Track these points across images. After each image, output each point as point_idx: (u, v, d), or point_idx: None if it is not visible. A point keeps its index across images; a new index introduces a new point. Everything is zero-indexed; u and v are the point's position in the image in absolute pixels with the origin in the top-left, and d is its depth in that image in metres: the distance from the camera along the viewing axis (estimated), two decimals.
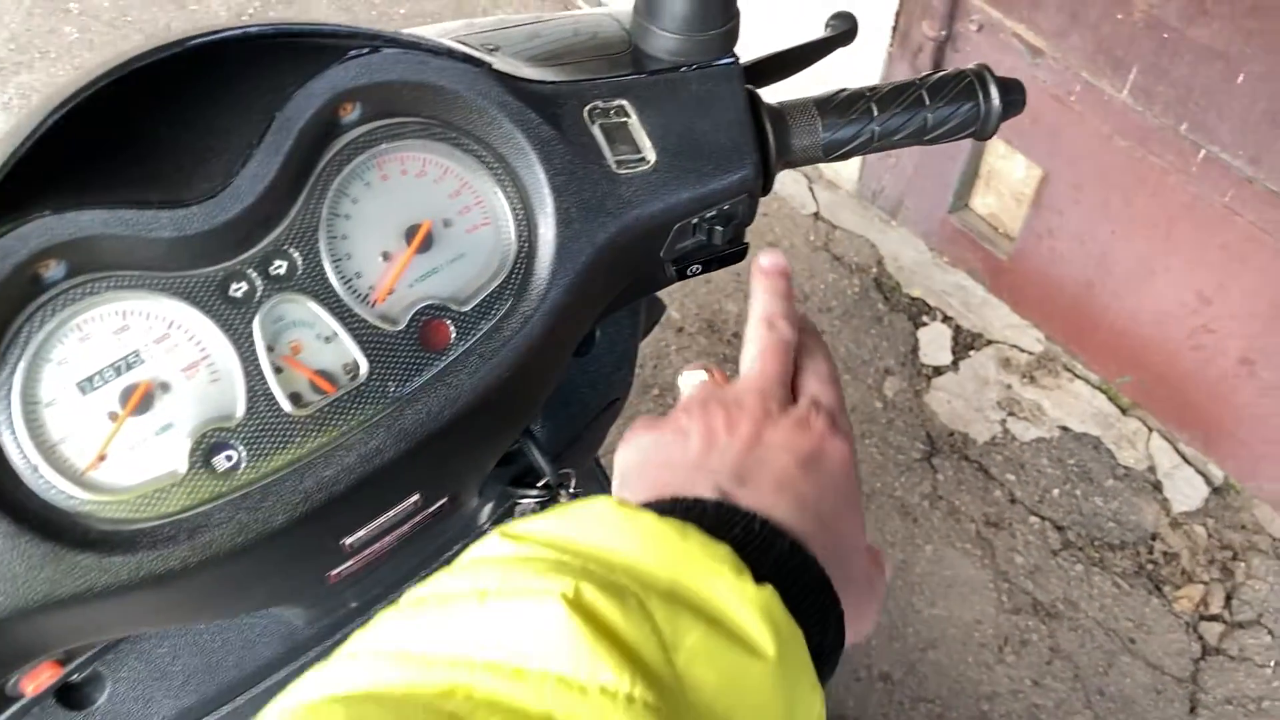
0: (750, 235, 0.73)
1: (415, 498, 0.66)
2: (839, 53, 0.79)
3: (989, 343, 2.14)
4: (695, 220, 0.67)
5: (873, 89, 0.70)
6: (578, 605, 0.36)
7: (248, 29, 0.54)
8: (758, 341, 0.58)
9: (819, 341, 0.61)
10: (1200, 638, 1.81)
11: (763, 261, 0.62)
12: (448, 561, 0.46)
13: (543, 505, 0.85)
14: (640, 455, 0.54)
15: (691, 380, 0.59)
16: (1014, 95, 0.71)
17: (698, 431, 0.53)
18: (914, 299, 2.21)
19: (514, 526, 0.43)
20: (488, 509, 0.87)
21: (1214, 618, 1.83)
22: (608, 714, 0.33)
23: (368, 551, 0.68)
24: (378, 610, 0.74)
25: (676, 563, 0.40)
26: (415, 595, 0.40)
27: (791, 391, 0.57)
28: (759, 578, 0.41)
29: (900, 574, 1.88)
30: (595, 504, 0.43)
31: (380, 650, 0.37)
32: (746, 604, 0.39)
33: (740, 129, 0.67)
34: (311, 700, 0.36)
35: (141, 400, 0.56)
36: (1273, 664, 1.78)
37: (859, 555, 0.52)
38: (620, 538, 0.41)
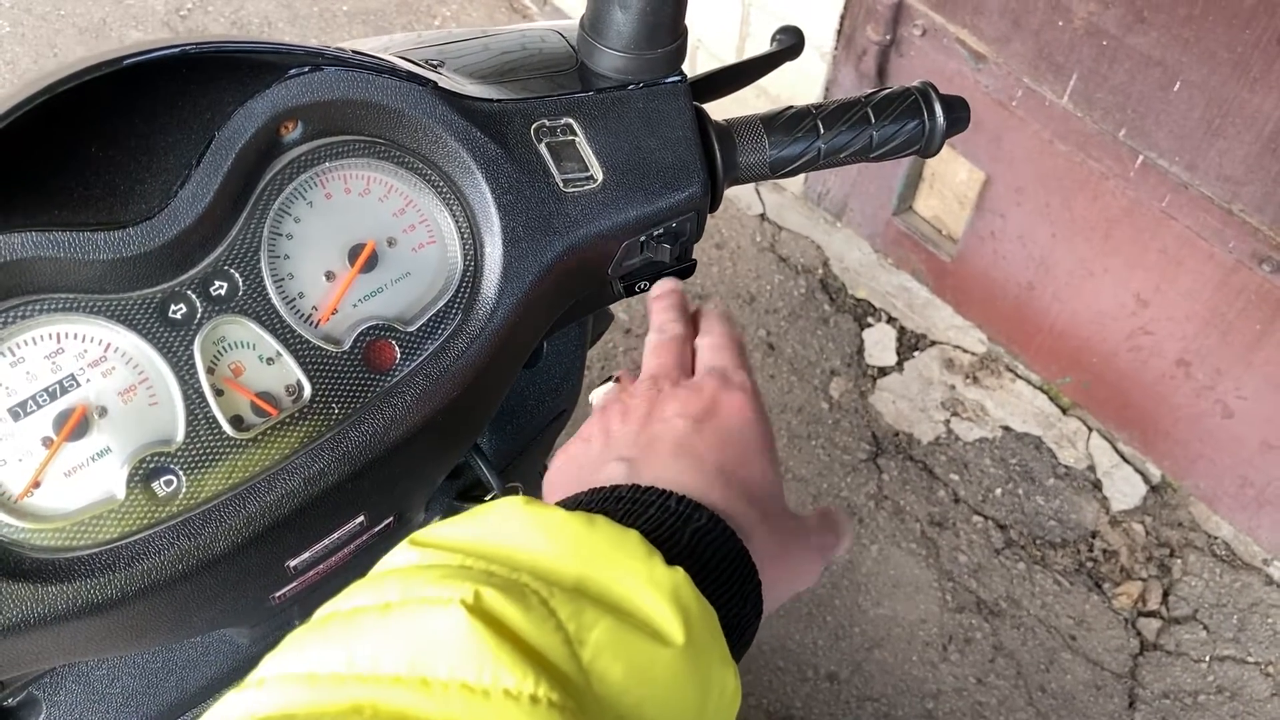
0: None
1: (360, 518, 0.65)
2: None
3: (933, 343, 2.17)
4: (643, 238, 0.67)
5: (819, 106, 0.70)
6: (478, 610, 0.36)
7: (186, 47, 0.53)
8: (650, 345, 0.64)
9: (717, 314, 0.66)
10: (1139, 634, 1.85)
11: (653, 291, 0.70)
12: None
13: None
14: (558, 474, 0.57)
15: (602, 392, 0.62)
16: (958, 113, 0.71)
17: (597, 432, 0.57)
18: (859, 300, 2.23)
19: (422, 533, 0.43)
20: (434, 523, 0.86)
21: (1152, 614, 1.87)
22: (511, 716, 0.34)
23: (312, 572, 0.67)
24: None
25: (583, 555, 0.41)
26: (324, 612, 0.40)
27: (692, 370, 0.61)
28: (675, 556, 0.42)
29: (846, 574, 1.90)
30: (503, 504, 0.43)
31: (288, 674, 0.37)
32: (654, 590, 0.40)
33: (688, 147, 0.67)
34: None
35: (77, 425, 0.55)
36: (1208, 659, 1.82)
37: (775, 500, 0.54)
38: (526, 536, 0.41)
